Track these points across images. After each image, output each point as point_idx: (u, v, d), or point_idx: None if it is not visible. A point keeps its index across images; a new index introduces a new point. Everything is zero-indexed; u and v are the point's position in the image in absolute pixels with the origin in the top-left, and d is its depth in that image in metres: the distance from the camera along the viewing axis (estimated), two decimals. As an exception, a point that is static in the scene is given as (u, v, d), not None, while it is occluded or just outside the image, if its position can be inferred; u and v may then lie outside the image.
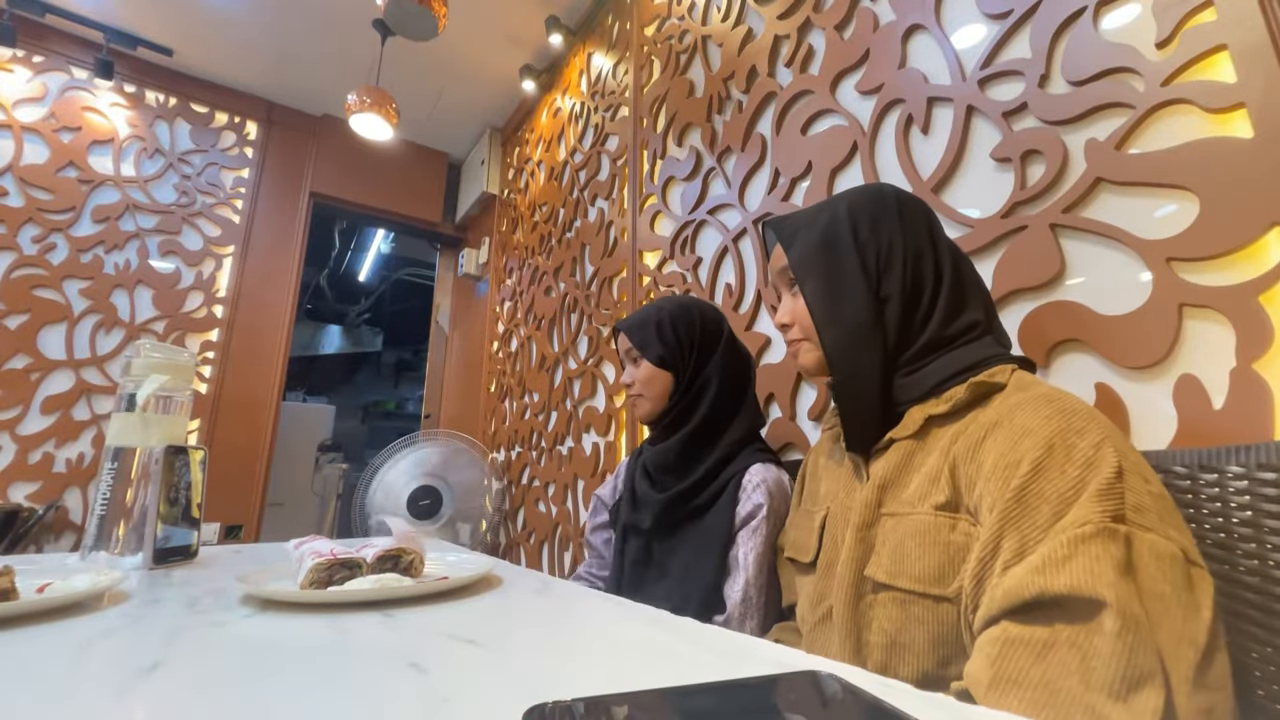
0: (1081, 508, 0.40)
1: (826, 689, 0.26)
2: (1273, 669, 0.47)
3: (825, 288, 0.61)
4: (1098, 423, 0.45)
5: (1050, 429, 0.45)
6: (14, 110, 2.32)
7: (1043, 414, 0.46)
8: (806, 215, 0.66)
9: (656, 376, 0.93)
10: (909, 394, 0.57)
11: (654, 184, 1.74)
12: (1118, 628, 0.35)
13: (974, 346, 0.56)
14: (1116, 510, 0.39)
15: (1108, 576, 0.37)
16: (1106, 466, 0.41)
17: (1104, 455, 0.42)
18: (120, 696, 0.30)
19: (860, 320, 0.58)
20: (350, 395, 7.03)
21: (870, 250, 0.60)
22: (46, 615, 0.44)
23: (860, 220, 0.61)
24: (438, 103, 2.91)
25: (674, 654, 0.37)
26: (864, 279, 0.59)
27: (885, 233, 0.60)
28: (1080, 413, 0.46)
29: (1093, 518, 0.39)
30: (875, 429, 0.59)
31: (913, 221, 0.61)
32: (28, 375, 2.21)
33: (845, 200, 0.64)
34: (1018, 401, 0.49)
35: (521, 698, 0.24)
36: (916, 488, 0.53)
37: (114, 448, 0.73)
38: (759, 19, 1.44)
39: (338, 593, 0.50)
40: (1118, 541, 0.38)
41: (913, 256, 0.59)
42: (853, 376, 0.59)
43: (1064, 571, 0.38)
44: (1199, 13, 0.72)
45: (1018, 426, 0.47)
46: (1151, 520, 0.40)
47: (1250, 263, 0.66)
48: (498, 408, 2.71)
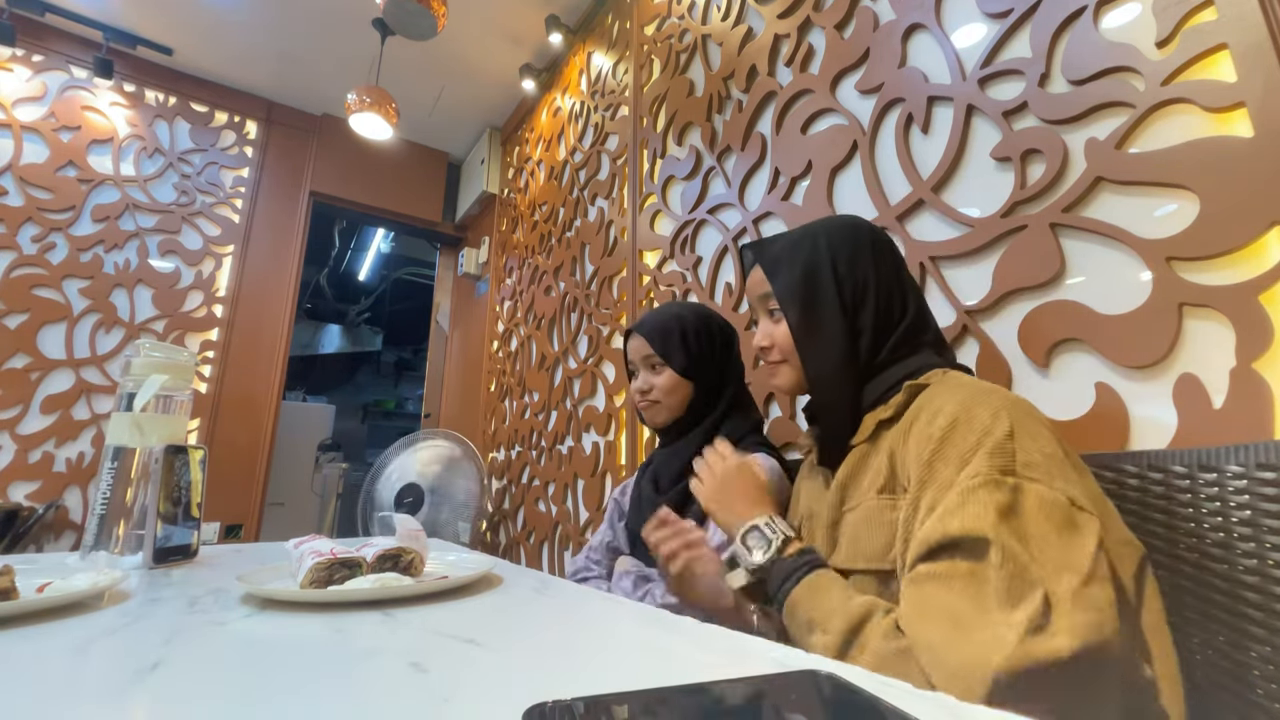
0: (974, 464, 0.47)
1: (826, 688, 0.26)
2: (1272, 669, 0.47)
3: (807, 321, 0.66)
4: (998, 397, 0.51)
5: (955, 405, 0.52)
6: (13, 109, 2.32)
7: (954, 396, 0.53)
8: (787, 243, 0.70)
9: (680, 386, 0.94)
10: (867, 400, 0.64)
11: (654, 183, 1.74)
12: (999, 560, 0.42)
13: (918, 358, 0.63)
14: (1005, 465, 0.46)
15: (990, 519, 0.43)
16: (999, 429, 0.48)
17: (999, 420, 0.49)
18: (120, 696, 0.30)
19: (837, 351, 0.64)
20: (350, 395, 7.03)
21: (848, 287, 0.65)
22: (46, 615, 0.44)
23: (839, 256, 0.66)
24: (438, 102, 2.90)
25: (674, 654, 0.37)
26: (841, 315, 0.64)
27: (861, 270, 0.65)
28: (985, 390, 0.53)
29: (981, 470, 0.46)
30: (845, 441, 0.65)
31: (884, 258, 0.67)
32: (28, 375, 2.21)
33: (824, 234, 0.68)
34: (937, 389, 0.57)
35: (521, 698, 0.24)
36: (868, 482, 0.59)
37: (114, 447, 0.73)
38: (759, 18, 1.44)
39: (338, 592, 0.50)
40: (1003, 490, 0.45)
41: (884, 293, 0.65)
42: (833, 401, 0.65)
43: (957, 516, 0.45)
44: (1199, 12, 0.72)
45: (934, 408, 0.54)
46: (1039, 473, 0.46)
47: (1250, 262, 0.66)
48: (498, 407, 2.71)
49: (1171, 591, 0.53)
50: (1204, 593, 0.51)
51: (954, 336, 0.94)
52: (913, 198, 1.03)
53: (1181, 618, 0.52)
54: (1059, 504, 0.44)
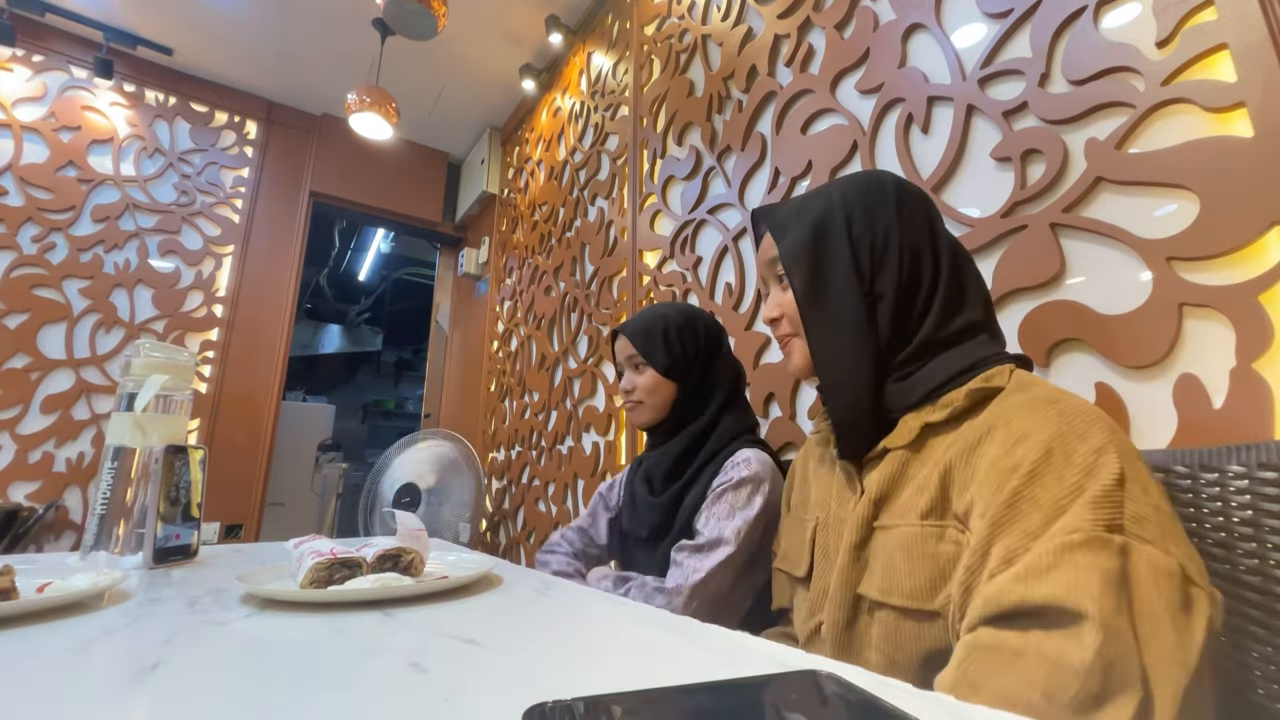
0: (1073, 515, 0.38)
1: (826, 688, 0.26)
2: (1273, 669, 0.47)
3: (814, 283, 0.57)
4: (1101, 426, 0.42)
5: (1049, 432, 0.42)
6: (13, 109, 2.32)
7: (1041, 416, 0.44)
8: (799, 203, 0.62)
9: (662, 385, 0.93)
10: (903, 400, 0.54)
11: (654, 183, 1.74)
12: (1096, 642, 0.33)
13: (969, 346, 0.53)
14: (1112, 519, 0.37)
15: (1092, 589, 0.35)
16: (1106, 473, 0.39)
17: (1105, 461, 0.40)
18: (120, 696, 0.30)
19: (850, 319, 0.55)
20: (350, 395, 7.03)
21: (864, 244, 0.56)
22: (46, 615, 0.44)
23: (855, 211, 0.57)
24: (438, 102, 2.90)
25: (674, 654, 0.37)
26: (855, 275, 0.55)
27: (881, 225, 0.56)
28: (1083, 415, 0.43)
29: (1083, 525, 0.37)
30: (868, 436, 0.56)
31: (912, 213, 0.57)
32: (28, 375, 2.21)
33: (840, 188, 0.60)
34: (1016, 403, 0.47)
35: (521, 698, 0.24)
36: (908, 498, 0.50)
37: (114, 447, 0.73)
38: (759, 18, 1.44)
39: (338, 592, 0.50)
40: (1110, 552, 0.36)
41: (910, 251, 0.55)
42: (842, 380, 0.55)
43: (1046, 580, 0.36)
44: (1199, 12, 0.72)
45: (1015, 430, 0.44)
46: (1152, 532, 0.37)
47: (1250, 262, 0.66)
48: (498, 407, 2.71)
49: (1172, 591, 0.53)
50: (1204, 593, 0.51)
51: (954, 336, 0.94)
52: (913, 198, 1.03)
53: (1182, 618, 0.52)
54: (1174, 576, 0.36)
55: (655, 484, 0.94)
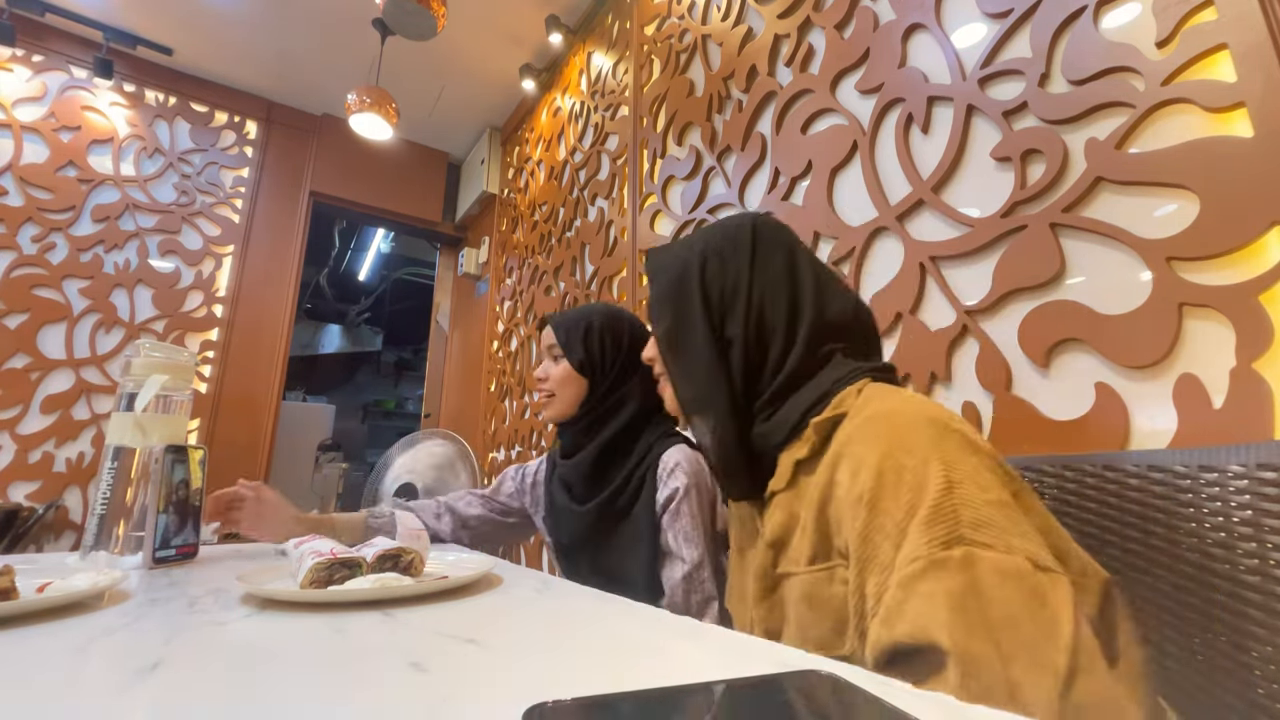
0: (910, 542, 0.38)
1: (826, 688, 0.26)
2: (1273, 668, 0.47)
3: (672, 330, 0.59)
4: (927, 433, 0.42)
5: (879, 453, 0.43)
6: (13, 109, 2.32)
7: (872, 438, 0.44)
8: (675, 248, 0.64)
9: (572, 380, 0.91)
10: (771, 441, 0.54)
11: (654, 183, 1.74)
12: (958, 678, 0.33)
13: (824, 374, 0.54)
14: (949, 534, 0.37)
15: (940, 618, 0.34)
16: (934, 485, 0.39)
17: (931, 472, 0.39)
18: (120, 696, 0.30)
19: (703, 365, 0.56)
20: (350, 395, 7.03)
21: (715, 290, 0.58)
22: (46, 615, 0.44)
23: (710, 258, 0.59)
24: (437, 102, 2.90)
25: (674, 654, 0.37)
26: (706, 323, 0.57)
27: (732, 271, 0.58)
28: (909, 425, 0.43)
29: (920, 551, 0.37)
30: (746, 480, 0.57)
31: (767, 257, 0.58)
32: (28, 375, 2.21)
33: (704, 236, 0.62)
34: (854, 428, 0.47)
35: (521, 698, 0.24)
36: (797, 544, 0.50)
37: (114, 447, 0.73)
38: (759, 18, 1.44)
39: (338, 592, 0.50)
40: (950, 570, 0.36)
41: (760, 297, 0.56)
42: (701, 423, 0.57)
43: (901, 619, 0.36)
44: (1199, 12, 0.72)
45: (854, 458, 0.45)
46: (992, 534, 0.37)
47: (1250, 262, 0.66)
48: (498, 407, 2.71)
49: (1173, 592, 0.53)
50: (1205, 593, 0.51)
51: (954, 336, 0.94)
52: (913, 198, 1.03)
53: (1183, 618, 0.52)
54: (1021, 573, 0.35)
55: (576, 490, 0.91)
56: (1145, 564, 0.54)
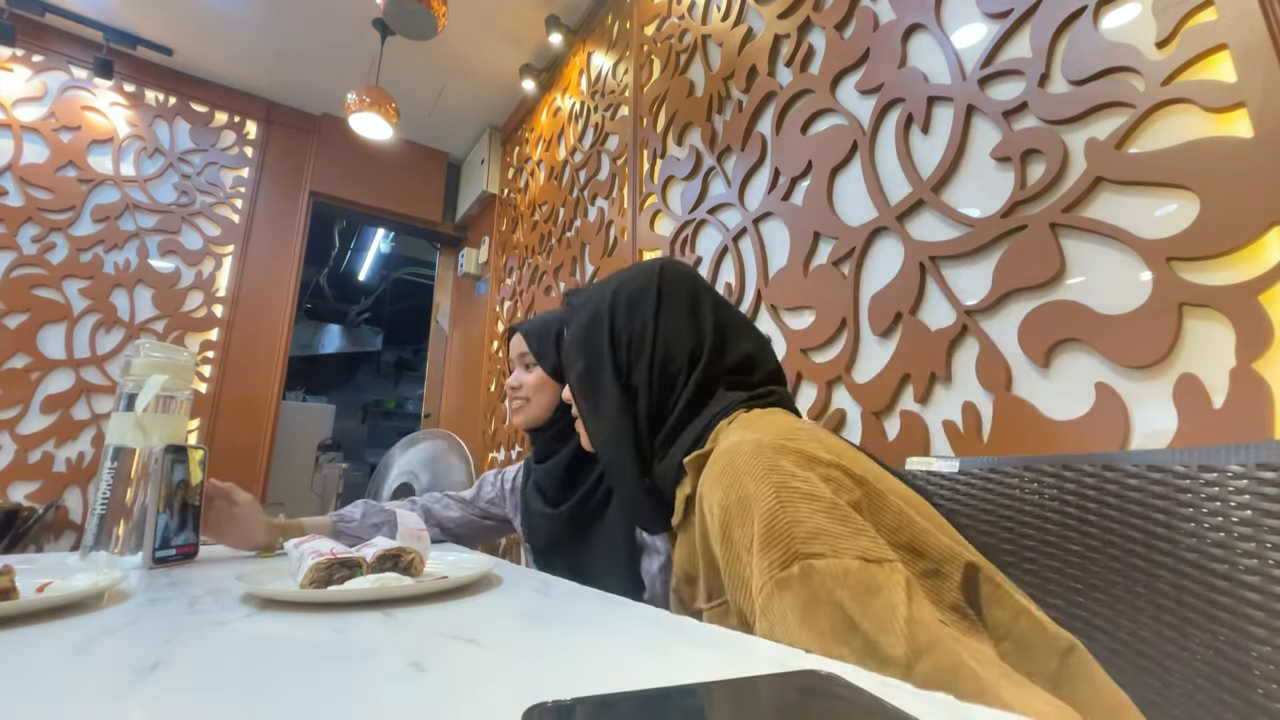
0: (756, 571, 0.39)
1: (826, 688, 0.26)
2: (1272, 668, 0.47)
3: (583, 377, 0.61)
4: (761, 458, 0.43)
5: (721, 491, 0.44)
6: (13, 109, 2.32)
7: (715, 477, 0.46)
8: (587, 294, 0.66)
9: (547, 387, 0.92)
10: (666, 478, 0.56)
11: (654, 183, 1.74)
12: None
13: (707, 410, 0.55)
14: (785, 553, 0.38)
15: (796, 634, 0.36)
16: (762, 507, 0.40)
17: (759, 495, 0.41)
18: (120, 696, 0.30)
19: (611, 412, 0.58)
20: (350, 395, 7.03)
21: (622, 338, 0.59)
22: (46, 615, 0.44)
23: (619, 306, 0.61)
24: (437, 102, 2.90)
25: (674, 654, 0.37)
26: (614, 371, 0.59)
27: (639, 319, 0.59)
28: (745, 456, 0.44)
29: (764, 578, 0.38)
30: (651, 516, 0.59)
31: (672, 299, 0.60)
32: (28, 375, 2.21)
33: (616, 282, 0.63)
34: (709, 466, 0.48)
35: (521, 698, 0.24)
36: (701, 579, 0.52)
37: (114, 447, 0.73)
38: (759, 18, 1.44)
39: (338, 592, 0.50)
40: (791, 588, 0.37)
41: (664, 341, 0.58)
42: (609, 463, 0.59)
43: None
44: (1199, 12, 0.72)
45: (708, 499, 0.46)
46: (824, 542, 0.38)
47: (1250, 262, 0.66)
48: (498, 407, 2.71)
49: (1173, 591, 0.53)
50: (1205, 593, 0.51)
51: (954, 336, 0.94)
52: (913, 198, 1.03)
53: (1183, 618, 0.52)
54: (850, 572, 0.37)
55: (549, 494, 0.91)
56: (1145, 564, 0.54)
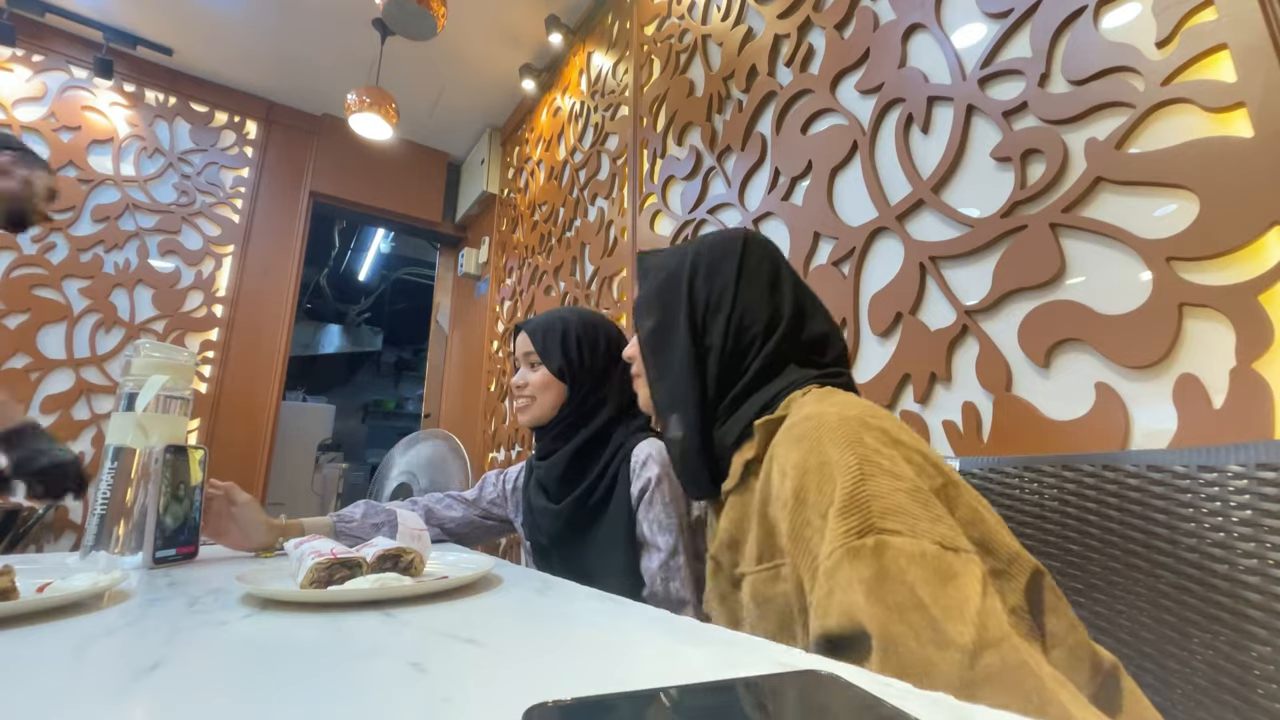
0: (829, 536, 0.40)
1: (826, 688, 0.26)
2: (1272, 668, 0.47)
3: (655, 332, 0.62)
4: (845, 429, 0.44)
5: (801, 453, 0.45)
6: (13, 109, 2.32)
7: (796, 440, 0.46)
8: (664, 256, 0.66)
9: (552, 386, 0.94)
10: (725, 441, 0.57)
11: (654, 183, 1.74)
12: (880, 659, 0.35)
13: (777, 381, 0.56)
14: (862, 524, 0.39)
15: (859, 603, 0.36)
16: (846, 478, 0.41)
17: (845, 465, 0.41)
18: (120, 696, 0.30)
19: (680, 368, 0.59)
20: (350, 395, 7.03)
21: (700, 299, 0.60)
22: (46, 615, 0.43)
23: (699, 268, 0.61)
24: (437, 102, 2.90)
25: (674, 654, 0.37)
26: (689, 328, 0.59)
27: (719, 282, 0.60)
28: (829, 425, 0.45)
29: (836, 543, 0.39)
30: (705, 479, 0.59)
31: (753, 271, 0.60)
32: (28, 375, 2.21)
33: (696, 246, 0.64)
34: (784, 431, 0.49)
35: (521, 698, 0.24)
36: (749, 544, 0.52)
37: (114, 447, 0.73)
38: (759, 18, 1.44)
39: (338, 592, 0.50)
40: (864, 560, 0.38)
41: (741, 307, 0.59)
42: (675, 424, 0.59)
43: (830, 610, 0.38)
44: (1199, 12, 0.72)
45: (781, 461, 0.47)
46: (902, 521, 0.39)
47: (1250, 262, 0.66)
48: (498, 407, 2.71)
49: (1173, 591, 0.53)
50: (1205, 593, 0.51)
51: (954, 336, 0.94)
52: (913, 198, 1.03)
53: (1182, 618, 0.52)
54: (927, 555, 0.37)
55: (551, 491, 0.93)
56: (1145, 564, 0.54)
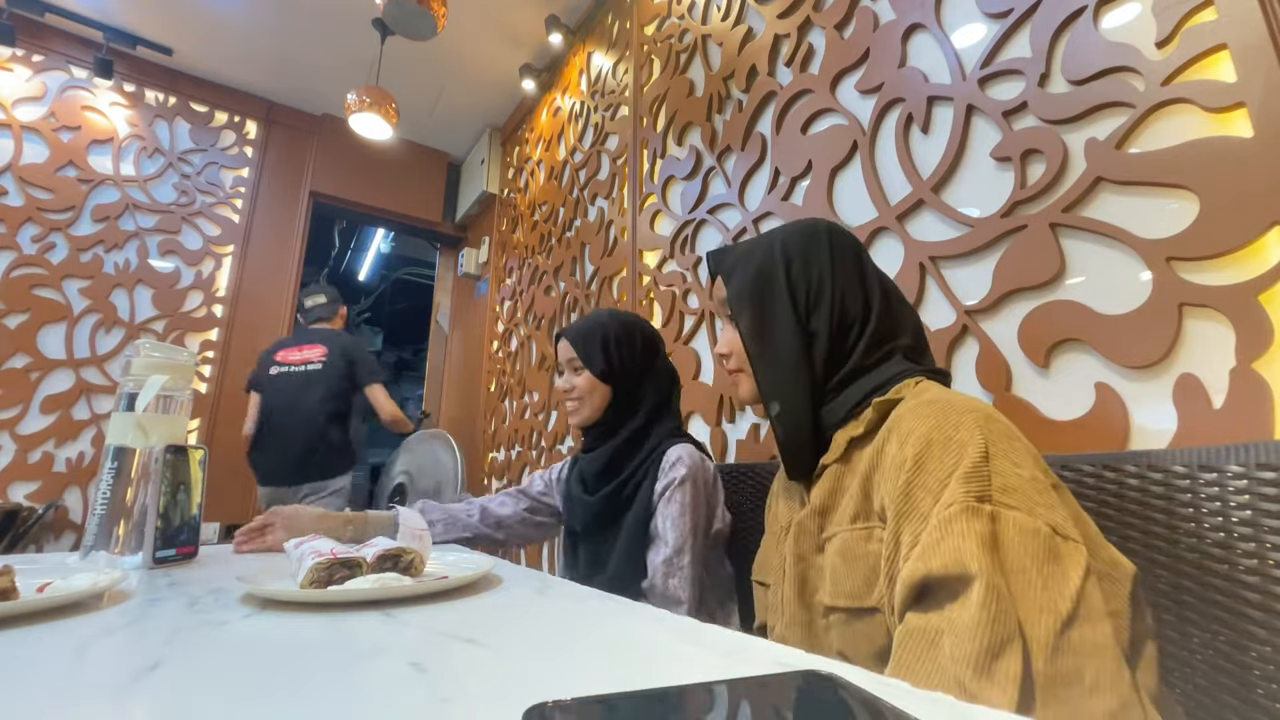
0: (950, 490, 0.43)
1: (826, 688, 0.26)
2: (1272, 669, 0.47)
3: (757, 323, 0.63)
4: (973, 414, 0.48)
5: (928, 426, 0.48)
6: (13, 109, 2.32)
7: (923, 415, 0.49)
8: (745, 248, 0.68)
9: (597, 388, 1.00)
10: (832, 419, 0.60)
11: (654, 183, 1.74)
12: (981, 597, 0.38)
13: (885, 368, 0.59)
14: (981, 490, 0.42)
15: (972, 550, 0.39)
16: (974, 452, 0.44)
17: (973, 442, 0.45)
18: (120, 696, 0.30)
19: (789, 356, 0.61)
20: (350, 395, 7.02)
21: (800, 287, 0.62)
22: (46, 615, 0.43)
23: (793, 257, 0.63)
24: (438, 102, 2.90)
25: (674, 654, 0.37)
26: (794, 315, 0.61)
27: (815, 270, 0.62)
28: (957, 408, 0.49)
29: (957, 498, 0.42)
30: (809, 457, 0.61)
31: (843, 258, 0.63)
32: (28, 375, 2.21)
33: (780, 236, 0.66)
34: (907, 408, 0.52)
35: (521, 698, 0.24)
36: (843, 508, 0.55)
37: (114, 447, 0.73)
38: (759, 18, 1.44)
39: (338, 592, 0.50)
40: (981, 518, 0.41)
41: (840, 293, 0.61)
42: (785, 409, 0.61)
43: (938, 553, 0.41)
44: (1199, 12, 0.72)
45: (904, 430, 0.50)
46: (1018, 499, 0.42)
47: (1250, 262, 0.66)
48: (498, 407, 2.71)
49: (1172, 591, 0.53)
50: (1205, 593, 0.51)
51: (954, 336, 0.94)
52: (913, 198, 1.03)
53: (1182, 618, 0.52)
54: (1040, 533, 0.40)
55: (589, 483, 1.00)
56: (1145, 564, 0.54)
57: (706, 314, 1.46)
